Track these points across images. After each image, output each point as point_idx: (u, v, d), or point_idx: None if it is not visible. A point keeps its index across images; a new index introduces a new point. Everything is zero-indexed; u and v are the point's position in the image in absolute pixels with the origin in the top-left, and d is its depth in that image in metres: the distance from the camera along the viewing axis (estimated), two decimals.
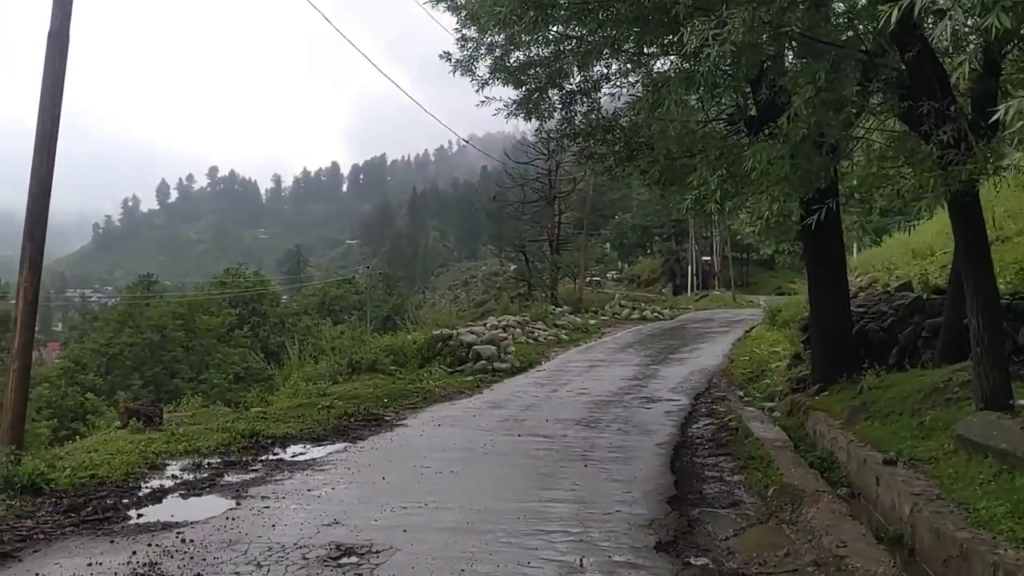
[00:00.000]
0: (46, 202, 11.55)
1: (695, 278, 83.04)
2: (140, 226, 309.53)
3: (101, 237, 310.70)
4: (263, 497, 9.28)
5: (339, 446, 12.90)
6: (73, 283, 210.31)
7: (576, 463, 11.19)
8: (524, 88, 14.53)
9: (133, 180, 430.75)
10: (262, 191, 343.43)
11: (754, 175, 9.41)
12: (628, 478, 10.24)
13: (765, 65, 10.57)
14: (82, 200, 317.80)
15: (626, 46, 12.96)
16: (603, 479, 10.25)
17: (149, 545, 7.27)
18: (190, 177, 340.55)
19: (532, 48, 14.05)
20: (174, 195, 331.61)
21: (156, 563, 6.74)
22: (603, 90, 14.87)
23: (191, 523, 8.09)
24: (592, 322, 41.40)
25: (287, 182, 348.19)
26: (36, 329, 11.90)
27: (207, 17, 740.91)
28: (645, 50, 13.19)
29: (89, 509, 8.63)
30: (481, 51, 14.44)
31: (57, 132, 11.59)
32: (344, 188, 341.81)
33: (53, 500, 8.98)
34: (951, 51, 9.82)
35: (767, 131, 9.40)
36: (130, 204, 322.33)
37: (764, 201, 10.04)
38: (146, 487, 9.89)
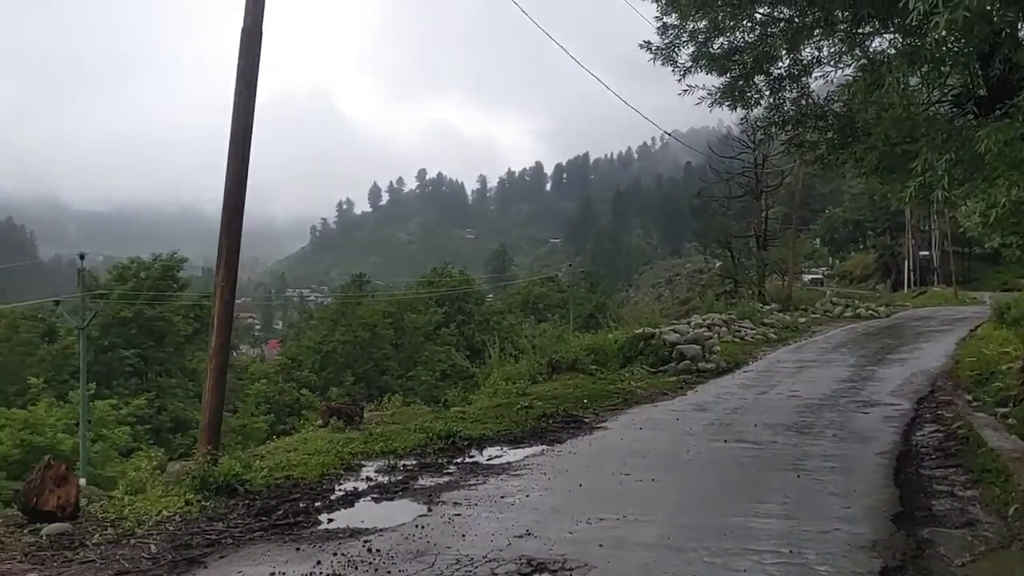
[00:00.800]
0: (241, 198, 11.49)
1: (912, 274, 79.60)
2: (353, 228, 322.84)
3: (318, 239, 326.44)
4: (455, 503, 9.05)
5: (536, 449, 12.61)
6: (293, 283, 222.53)
7: (787, 473, 10.43)
8: (728, 75, 13.79)
9: (346, 184, 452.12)
10: (468, 192, 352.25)
11: (988, 159, 8.46)
12: (846, 491, 9.41)
13: (1004, 33, 9.54)
14: (301, 204, 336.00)
15: (840, 25, 12.09)
16: (818, 492, 9.48)
17: (335, 554, 7.10)
18: (400, 180, 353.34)
19: (736, 33, 13.35)
20: (385, 198, 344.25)
21: (340, 575, 6.56)
22: (814, 74, 13.95)
23: (380, 530, 7.92)
24: (802, 320, 39.74)
25: (492, 183, 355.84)
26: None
27: (410, 19, 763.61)
28: (860, 28, 12.25)
29: (280, 512, 8.62)
30: (683, 38, 13.80)
31: (251, 129, 11.60)
32: (548, 187, 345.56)
33: (246, 502, 9.05)
34: None
35: (1000, 111, 8.45)
36: (344, 207, 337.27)
37: (1001, 187, 9.06)
38: (339, 490, 9.87)
